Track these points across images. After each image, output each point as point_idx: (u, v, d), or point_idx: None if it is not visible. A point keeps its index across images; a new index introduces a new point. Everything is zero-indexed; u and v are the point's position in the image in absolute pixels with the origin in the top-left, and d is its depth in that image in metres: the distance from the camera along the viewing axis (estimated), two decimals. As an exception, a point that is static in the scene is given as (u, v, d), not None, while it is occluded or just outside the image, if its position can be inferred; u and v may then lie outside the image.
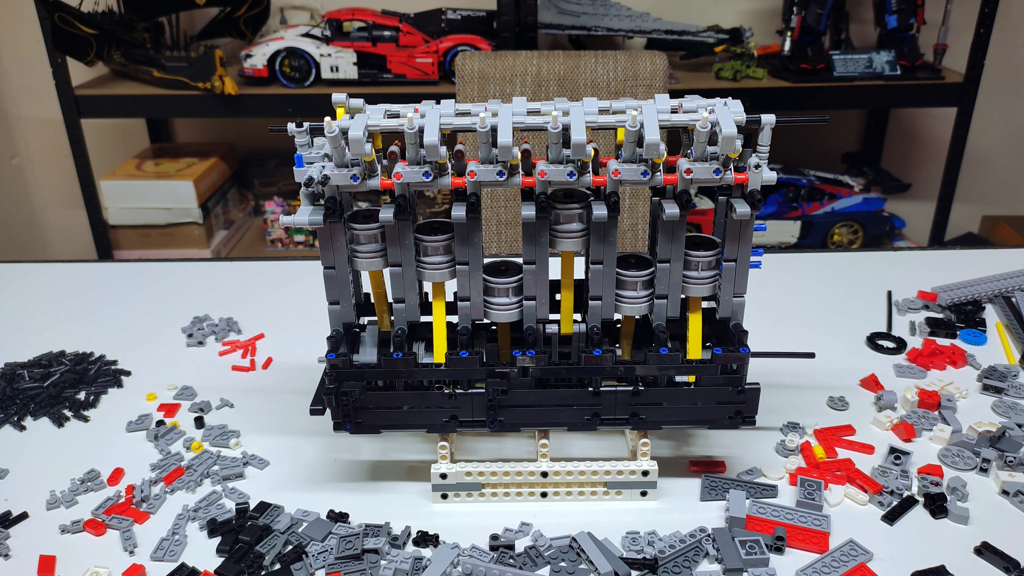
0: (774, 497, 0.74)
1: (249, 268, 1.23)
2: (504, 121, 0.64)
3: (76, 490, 0.75)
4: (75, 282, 1.19)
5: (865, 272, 1.18)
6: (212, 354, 0.99)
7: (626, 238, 1.66)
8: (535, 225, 0.67)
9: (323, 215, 0.66)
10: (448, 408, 0.72)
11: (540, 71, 1.61)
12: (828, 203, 2.34)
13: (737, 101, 0.67)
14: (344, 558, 0.66)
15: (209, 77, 2.03)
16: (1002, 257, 1.20)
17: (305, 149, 0.67)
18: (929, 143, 2.58)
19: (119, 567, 0.67)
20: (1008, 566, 0.65)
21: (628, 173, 0.65)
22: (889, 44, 2.19)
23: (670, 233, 0.68)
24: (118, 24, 2.11)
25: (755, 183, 0.66)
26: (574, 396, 0.71)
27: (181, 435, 0.83)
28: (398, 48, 2.08)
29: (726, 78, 2.15)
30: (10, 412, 0.87)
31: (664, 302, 0.71)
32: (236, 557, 0.67)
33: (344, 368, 0.70)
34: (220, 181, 2.39)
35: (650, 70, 1.61)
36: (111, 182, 2.23)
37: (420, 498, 0.74)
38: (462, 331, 0.70)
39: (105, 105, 2.12)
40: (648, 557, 0.67)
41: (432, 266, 0.69)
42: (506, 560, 0.66)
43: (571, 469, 0.72)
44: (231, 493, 0.75)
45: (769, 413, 0.80)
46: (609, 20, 2.21)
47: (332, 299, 0.71)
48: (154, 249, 2.28)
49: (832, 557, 0.66)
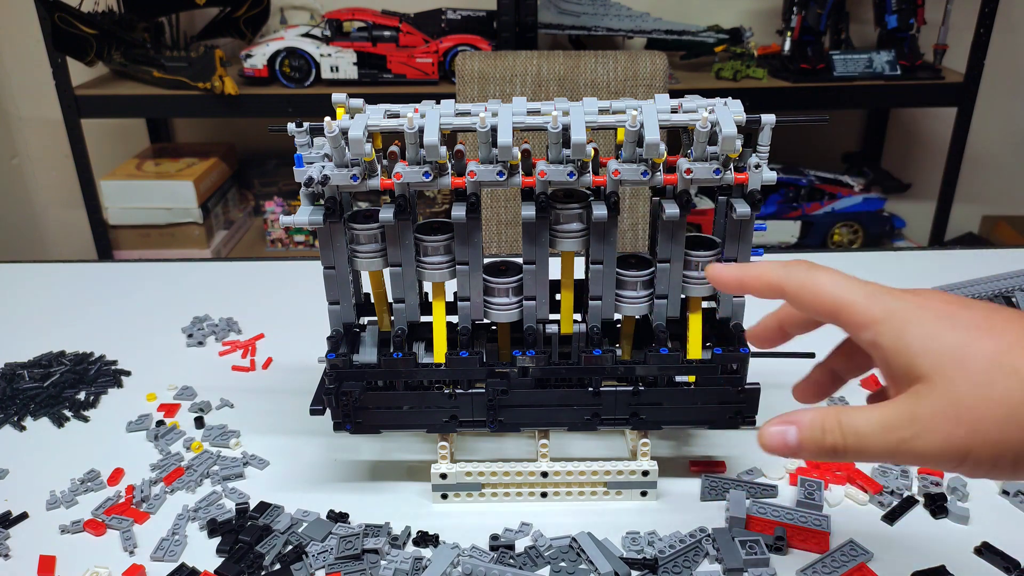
0: (774, 497, 0.74)
1: (249, 268, 1.23)
2: (504, 121, 0.64)
3: (76, 490, 0.75)
4: (75, 282, 1.19)
5: (865, 272, 1.17)
6: (212, 354, 0.99)
7: (626, 238, 1.66)
8: (535, 225, 0.67)
9: (323, 215, 0.66)
10: (448, 408, 0.72)
11: (540, 71, 1.61)
12: (828, 203, 2.34)
13: (737, 101, 0.67)
14: (344, 558, 0.66)
15: (209, 77, 2.03)
16: (1002, 257, 1.20)
17: (305, 149, 0.67)
18: (929, 143, 2.58)
19: (119, 567, 0.67)
20: (1008, 566, 0.65)
21: (628, 173, 0.65)
22: (889, 44, 2.19)
23: (670, 233, 0.68)
24: (118, 24, 2.11)
25: (755, 183, 0.66)
26: (574, 396, 0.71)
27: (181, 435, 0.83)
28: (398, 48, 2.08)
29: (726, 78, 2.15)
30: (10, 412, 0.87)
31: (664, 302, 0.71)
32: (236, 557, 0.67)
33: (344, 368, 0.70)
34: (220, 181, 2.39)
35: (650, 70, 1.61)
36: (111, 182, 2.23)
37: (420, 498, 0.74)
38: (462, 331, 0.70)
39: (105, 105, 2.13)
40: (648, 557, 0.67)
41: (432, 266, 0.69)
42: (506, 560, 0.66)
43: (571, 469, 0.72)
44: (231, 493, 0.75)
45: (769, 413, 0.80)
46: (609, 20, 2.21)
47: (332, 299, 0.71)
48: (154, 249, 2.28)
49: (832, 557, 0.66)
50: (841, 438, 0.45)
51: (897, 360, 0.45)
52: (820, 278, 0.49)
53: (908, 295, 0.47)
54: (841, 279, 0.49)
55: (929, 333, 0.44)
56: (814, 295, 0.49)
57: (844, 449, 0.45)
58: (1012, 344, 0.43)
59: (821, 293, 0.49)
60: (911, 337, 0.45)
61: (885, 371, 0.47)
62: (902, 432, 0.43)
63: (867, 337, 0.47)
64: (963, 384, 0.43)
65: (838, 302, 0.48)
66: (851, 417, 0.45)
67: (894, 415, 0.44)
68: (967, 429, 0.42)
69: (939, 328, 0.44)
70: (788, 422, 0.47)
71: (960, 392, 0.42)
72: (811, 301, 0.50)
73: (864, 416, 0.45)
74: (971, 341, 0.43)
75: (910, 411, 0.44)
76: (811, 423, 0.46)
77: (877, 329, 0.46)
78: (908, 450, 0.44)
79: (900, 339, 0.45)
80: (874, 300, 0.47)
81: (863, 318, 0.47)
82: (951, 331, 0.44)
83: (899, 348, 0.45)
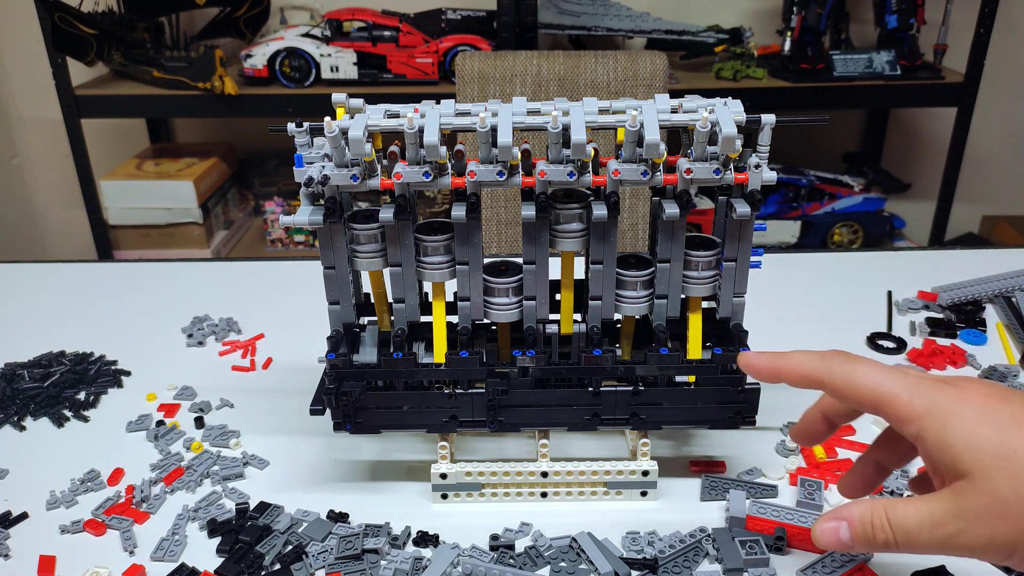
0: (774, 497, 0.74)
1: (249, 268, 1.23)
2: (504, 121, 0.64)
3: (76, 490, 0.75)
4: (75, 282, 1.19)
5: (865, 272, 1.18)
6: (212, 354, 0.99)
7: (626, 238, 1.66)
8: (535, 225, 0.67)
9: (323, 215, 0.66)
10: (448, 408, 0.72)
11: (540, 71, 1.61)
12: (828, 203, 2.34)
13: (737, 101, 0.67)
14: (344, 558, 0.66)
15: (209, 77, 2.03)
16: (1002, 257, 1.20)
17: (305, 149, 0.66)
18: (929, 143, 2.58)
19: (119, 567, 0.67)
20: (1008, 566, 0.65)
21: (628, 173, 0.65)
22: (889, 44, 2.19)
23: (670, 233, 0.68)
24: (118, 24, 2.12)
25: (755, 183, 0.66)
26: (574, 396, 0.71)
27: (181, 435, 0.83)
28: (398, 48, 2.08)
29: (726, 78, 2.15)
30: (10, 412, 0.87)
31: (664, 302, 0.71)
32: (236, 557, 0.67)
33: (344, 368, 0.70)
34: (220, 181, 2.39)
35: (650, 70, 1.61)
36: (111, 182, 2.23)
37: (420, 498, 0.74)
38: (462, 331, 0.70)
39: (105, 105, 2.13)
40: (648, 557, 0.67)
41: (432, 266, 0.69)
42: (506, 560, 0.66)
43: (571, 469, 0.72)
44: (231, 493, 0.75)
45: (769, 413, 0.80)
46: (609, 20, 2.21)
47: (332, 299, 0.71)
48: (154, 249, 2.28)
49: (832, 557, 0.66)
50: (892, 535, 0.47)
51: (940, 456, 0.47)
52: (859, 371, 0.51)
53: (948, 387, 0.48)
54: (880, 371, 0.50)
55: (970, 430, 0.46)
56: (855, 389, 0.51)
57: (895, 544, 0.47)
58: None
59: (862, 387, 0.50)
60: (953, 435, 0.46)
61: (929, 464, 0.49)
62: (948, 528, 0.45)
63: (911, 431, 0.48)
64: (1005, 481, 0.44)
65: (880, 396, 0.49)
66: (897, 514, 0.47)
67: (939, 511, 0.46)
68: (1012, 525, 0.43)
69: (980, 424, 0.46)
70: (840, 518, 0.49)
71: (1002, 489, 0.44)
72: (853, 395, 0.51)
73: (911, 512, 0.47)
74: (1012, 437, 0.45)
75: (955, 507, 0.45)
76: (861, 520, 0.48)
77: (921, 424, 0.48)
78: (956, 545, 0.45)
79: (942, 435, 0.46)
80: (916, 393, 0.48)
81: (907, 413, 0.48)
82: (991, 427, 0.45)
83: (942, 444, 0.46)
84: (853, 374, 0.51)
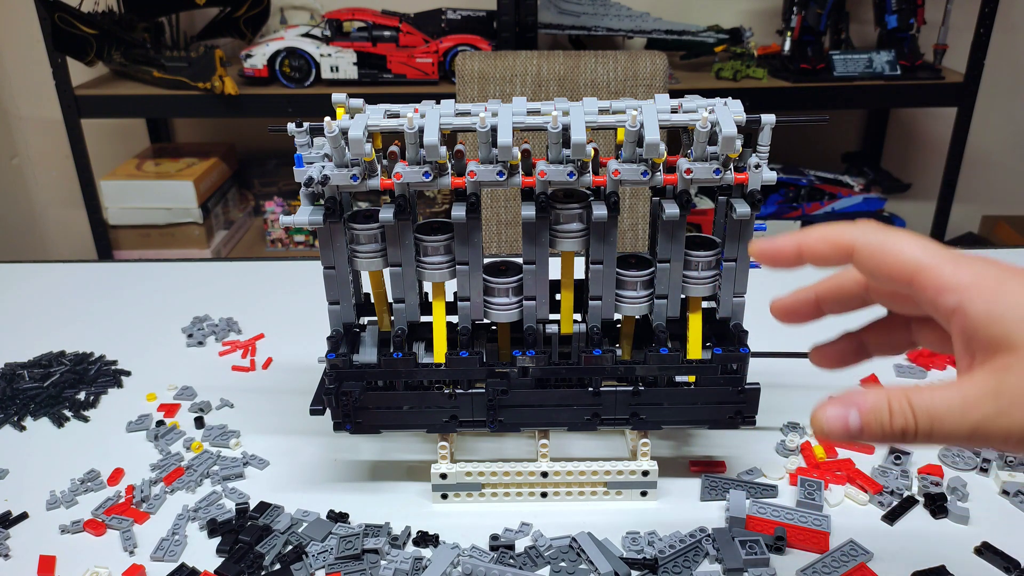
0: (774, 497, 0.74)
1: (249, 268, 1.23)
2: (504, 121, 0.64)
3: (76, 490, 0.75)
4: (75, 282, 1.19)
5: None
6: (212, 354, 0.99)
7: (626, 238, 1.66)
8: (535, 225, 0.67)
9: (323, 215, 0.66)
10: (448, 408, 0.72)
11: (540, 71, 1.61)
12: (828, 203, 2.34)
13: (737, 101, 0.67)
14: (344, 558, 0.66)
15: (209, 77, 2.03)
16: (1002, 257, 1.19)
17: (305, 149, 0.67)
18: (929, 143, 2.58)
19: (119, 567, 0.67)
20: (1008, 566, 0.65)
21: (628, 173, 0.65)
22: (889, 44, 2.19)
23: (670, 233, 0.68)
24: (118, 24, 2.11)
25: (755, 183, 0.66)
26: (574, 396, 0.71)
27: (181, 435, 0.83)
28: (398, 48, 2.08)
29: (726, 78, 2.15)
30: (10, 412, 0.87)
31: (664, 302, 0.71)
32: (236, 557, 0.67)
33: (344, 368, 0.70)
34: (220, 181, 2.39)
35: (650, 70, 1.61)
36: (111, 182, 2.23)
37: (420, 498, 0.74)
38: (462, 331, 0.70)
39: (105, 105, 2.12)
40: (648, 557, 0.67)
41: (432, 266, 0.69)
42: (506, 560, 0.66)
43: (571, 469, 0.72)
44: (231, 493, 0.75)
45: (769, 413, 0.80)
46: (609, 20, 2.21)
47: (332, 299, 0.71)
48: (154, 249, 2.28)
49: (832, 557, 0.66)
50: (912, 420, 0.41)
51: (988, 329, 0.41)
52: (897, 238, 0.45)
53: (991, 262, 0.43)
54: (922, 240, 0.45)
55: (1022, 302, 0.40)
56: (892, 255, 0.45)
57: (915, 432, 0.41)
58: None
59: (900, 253, 0.44)
60: (1005, 305, 0.41)
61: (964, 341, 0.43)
62: (985, 408, 0.39)
63: (950, 302, 0.42)
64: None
65: (920, 264, 0.43)
66: (923, 398, 0.41)
67: (974, 391, 0.40)
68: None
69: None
70: (848, 404, 0.43)
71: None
72: (887, 263, 0.45)
73: (938, 395, 0.41)
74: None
75: (996, 386, 0.40)
76: (875, 406, 0.42)
77: (966, 295, 0.42)
78: (989, 429, 0.40)
79: (992, 305, 0.41)
80: (960, 264, 0.43)
81: (950, 282, 0.42)
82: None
83: (991, 316, 0.41)
84: (890, 240, 0.45)
